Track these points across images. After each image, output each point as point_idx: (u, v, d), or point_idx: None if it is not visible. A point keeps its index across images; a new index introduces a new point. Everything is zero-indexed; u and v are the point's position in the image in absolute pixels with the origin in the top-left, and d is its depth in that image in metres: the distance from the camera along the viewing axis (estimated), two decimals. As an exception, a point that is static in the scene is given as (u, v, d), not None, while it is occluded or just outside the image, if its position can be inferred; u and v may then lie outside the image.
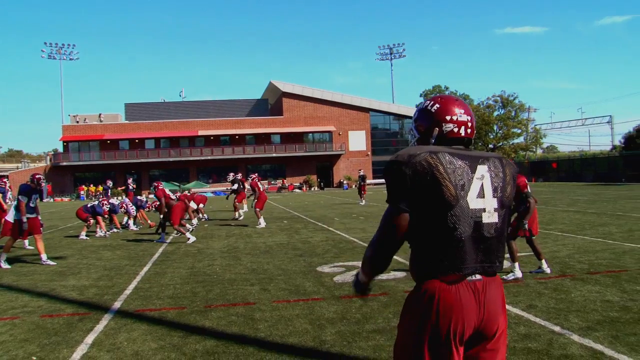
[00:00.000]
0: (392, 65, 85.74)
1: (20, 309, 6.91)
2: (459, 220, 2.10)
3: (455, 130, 2.30)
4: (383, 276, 8.01)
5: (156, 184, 14.91)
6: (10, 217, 12.39)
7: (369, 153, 67.62)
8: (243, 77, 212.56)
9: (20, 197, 10.52)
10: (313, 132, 66.95)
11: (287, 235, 14.48)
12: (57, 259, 11.27)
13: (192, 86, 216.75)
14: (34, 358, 4.96)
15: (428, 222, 2.12)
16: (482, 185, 2.18)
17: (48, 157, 67.09)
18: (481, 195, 2.17)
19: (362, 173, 30.83)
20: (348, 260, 9.69)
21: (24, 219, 10.46)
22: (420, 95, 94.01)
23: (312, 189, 62.97)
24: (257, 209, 17.16)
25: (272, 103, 71.74)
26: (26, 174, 56.13)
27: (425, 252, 2.15)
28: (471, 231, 2.12)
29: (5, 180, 15.60)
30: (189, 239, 13.38)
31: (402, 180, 2.10)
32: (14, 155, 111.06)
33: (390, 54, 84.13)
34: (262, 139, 65.57)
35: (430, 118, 2.33)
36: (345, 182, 62.86)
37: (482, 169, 2.20)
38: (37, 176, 11.06)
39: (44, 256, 10.67)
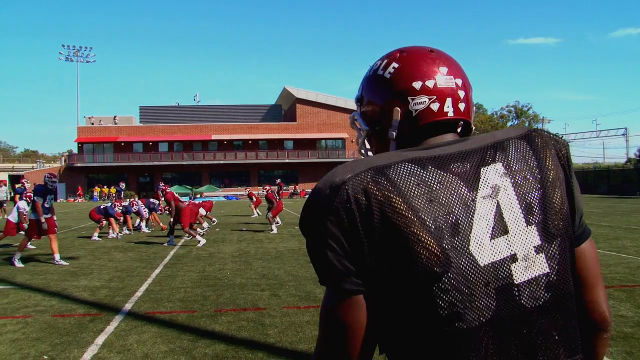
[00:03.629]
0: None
1: (33, 308, 6.97)
2: (459, 299, 1.01)
3: (435, 107, 1.20)
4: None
5: (163, 187, 15.04)
6: (12, 217, 12.55)
7: (381, 161, 67.44)
8: (257, 83, 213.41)
9: (35, 197, 10.62)
10: (326, 139, 66.92)
11: (298, 241, 14.48)
12: (70, 259, 11.35)
13: (206, 90, 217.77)
14: (45, 357, 5.00)
15: (399, 310, 1.04)
16: (497, 207, 1.07)
17: (63, 158, 67.60)
18: (500, 231, 1.06)
19: None
20: (359, 268, 9.65)
21: (43, 219, 10.55)
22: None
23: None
24: (271, 215, 17.19)
25: (285, 109, 71.85)
26: (41, 174, 56.57)
27: None
28: (491, 312, 1.03)
29: (23, 180, 15.77)
30: (199, 241, 13.47)
31: (328, 242, 1.04)
32: (29, 156, 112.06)
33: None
34: (275, 145, 65.64)
35: (384, 90, 1.25)
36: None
37: (491, 175, 1.09)
38: (49, 175, 11.14)
39: (57, 256, 10.75)
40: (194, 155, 63.39)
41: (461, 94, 1.23)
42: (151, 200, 19.63)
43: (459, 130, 1.30)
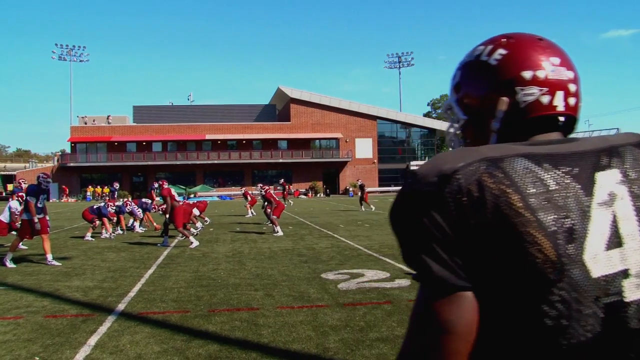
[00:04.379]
0: (400, 73, 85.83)
1: (24, 309, 6.93)
2: (566, 312, 0.92)
3: (545, 100, 1.11)
4: (387, 284, 7.99)
5: (161, 183, 14.77)
6: (4, 217, 12.50)
7: (375, 161, 67.52)
8: (251, 83, 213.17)
9: (28, 197, 10.57)
10: (320, 139, 66.92)
11: (292, 241, 14.47)
12: (62, 259, 11.30)
13: (200, 90, 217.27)
14: (37, 358, 4.97)
15: (495, 319, 0.95)
16: (613, 218, 0.99)
17: (55, 158, 67.36)
18: (615, 243, 0.97)
19: (360, 182, 31.86)
20: (353, 268, 9.66)
21: (36, 219, 10.50)
22: (428, 104, 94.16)
23: (318, 195, 62.93)
24: (275, 217, 16.86)
25: (279, 109, 71.82)
26: (34, 174, 56.29)
27: None
28: (597, 330, 0.94)
29: (20, 180, 15.76)
30: (192, 243, 13.38)
31: (433, 234, 0.94)
32: (22, 155, 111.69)
33: (399, 62, 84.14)
34: (269, 145, 65.60)
35: (489, 78, 1.16)
36: (351, 189, 62.78)
37: (607, 181, 1.01)
38: (42, 176, 11.09)
39: (49, 256, 10.70)
40: (188, 155, 63.28)
41: (572, 87, 1.14)
42: (143, 200, 19.56)
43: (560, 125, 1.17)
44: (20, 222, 11.20)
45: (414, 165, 66.67)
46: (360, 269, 9.57)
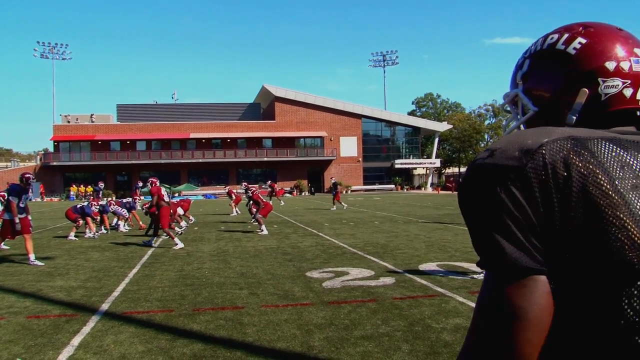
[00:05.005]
0: (384, 72, 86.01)
1: (6, 310, 6.86)
2: None
3: (628, 93, 1.06)
4: (372, 282, 8.03)
5: (153, 180, 14.47)
6: None
7: (360, 159, 67.62)
8: (236, 81, 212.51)
9: (10, 197, 10.47)
10: (305, 137, 66.90)
11: (276, 239, 14.47)
12: (45, 259, 11.20)
13: (184, 89, 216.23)
14: (19, 359, 4.93)
15: (570, 308, 0.88)
16: None
17: (38, 157, 66.67)
18: None
19: (333, 181, 32.25)
20: (337, 266, 9.69)
21: (17, 220, 10.40)
22: (413, 103, 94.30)
23: (303, 193, 62.92)
24: (260, 216, 16.79)
25: (264, 107, 71.70)
26: (15, 173, 55.75)
27: None
28: None
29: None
30: (176, 244, 13.08)
31: (512, 212, 0.87)
32: (3, 154, 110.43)
33: (384, 60, 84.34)
34: (254, 143, 65.46)
35: (567, 68, 1.10)
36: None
37: None
38: (27, 175, 11.00)
39: (32, 256, 10.61)
40: (172, 154, 62.98)
41: None
42: (124, 201, 19.41)
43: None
44: (1, 222, 11.10)
45: (399, 163, 66.92)
46: (345, 267, 9.59)
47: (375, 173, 67.81)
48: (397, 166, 67.55)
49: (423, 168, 70.01)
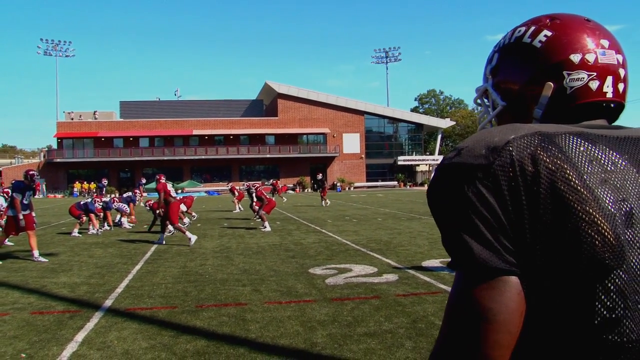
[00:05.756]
0: (387, 68, 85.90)
1: (11, 306, 6.89)
2: (621, 304, 0.85)
3: (594, 85, 1.04)
4: (375, 279, 8.03)
5: (158, 177, 14.28)
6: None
7: (362, 156, 67.58)
8: (238, 78, 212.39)
9: (14, 194, 10.49)
10: (307, 134, 66.87)
11: (279, 236, 14.48)
12: (49, 255, 11.24)
13: (187, 85, 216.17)
14: (23, 355, 4.94)
15: (541, 306, 0.87)
16: None
17: (42, 154, 66.85)
18: None
19: (320, 177, 32.91)
20: (340, 263, 9.69)
21: (20, 216, 10.43)
22: (415, 99, 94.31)
23: (306, 190, 62.94)
24: (264, 212, 16.76)
25: (267, 104, 71.64)
26: (19, 170, 55.93)
27: None
28: None
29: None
30: (190, 239, 12.80)
31: (480, 211, 0.86)
32: (7, 151, 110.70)
33: (386, 57, 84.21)
34: (257, 140, 65.43)
35: (533, 61, 1.08)
36: (338, 184, 62.85)
37: None
38: (31, 172, 11.02)
39: (36, 252, 10.63)
40: (175, 151, 63.03)
41: (622, 72, 1.06)
42: (125, 195, 19.44)
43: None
44: (5, 219, 11.12)
45: (402, 160, 66.87)
46: (348, 264, 9.60)
47: (378, 170, 67.77)
48: (399, 163, 67.51)
49: (426, 165, 69.94)
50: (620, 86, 1.05)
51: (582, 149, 0.89)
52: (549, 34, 1.06)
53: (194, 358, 4.79)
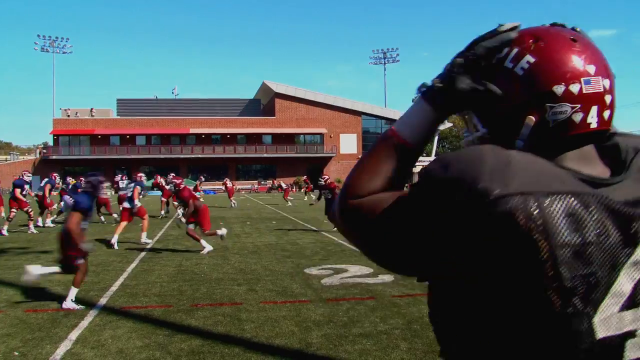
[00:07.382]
0: (385, 69, 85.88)
1: (4, 303, 6.85)
2: (555, 355, 0.88)
3: (577, 118, 0.98)
4: (370, 280, 8.01)
5: (177, 182, 12.47)
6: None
7: (359, 156, 67.42)
8: (236, 77, 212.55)
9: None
10: (304, 134, 66.91)
11: (275, 236, 14.46)
12: (44, 253, 11.18)
13: (185, 84, 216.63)
14: (16, 353, 4.91)
15: (488, 316, 0.92)
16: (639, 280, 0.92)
17: (38, 150, 66.69)
18: (632, 303, 0.91)
19: (325, 178, 34.07)
20: (336, 263, 9.68)
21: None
22: (412, 101, 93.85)
23: (302, 190, 62.93)
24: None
25: (264, 103, 71.63)
26: (15, 167, 55.80)
27: None
28: None
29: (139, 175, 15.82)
30: (204, 247, 11.32)
31: (430, 227, 0.93)
32: (2, 148, 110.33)
33: (384, 58, 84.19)
34: (254, 139, 65.43)
35: (514, 89, 1.02)
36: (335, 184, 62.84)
37: None
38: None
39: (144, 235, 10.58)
40: (172, 149, 63.01)
41: (607, 99, 0.99)
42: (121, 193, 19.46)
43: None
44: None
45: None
46: (344, 264, 9.58)
47: (375, 170, 67.75)
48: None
49: (423, 166, 69.89)
50: (606, 114, 0.99)
51: (569, 214, 0.86)
52: (532, 60, 0.99)
53: (188, 357, 4.77)
